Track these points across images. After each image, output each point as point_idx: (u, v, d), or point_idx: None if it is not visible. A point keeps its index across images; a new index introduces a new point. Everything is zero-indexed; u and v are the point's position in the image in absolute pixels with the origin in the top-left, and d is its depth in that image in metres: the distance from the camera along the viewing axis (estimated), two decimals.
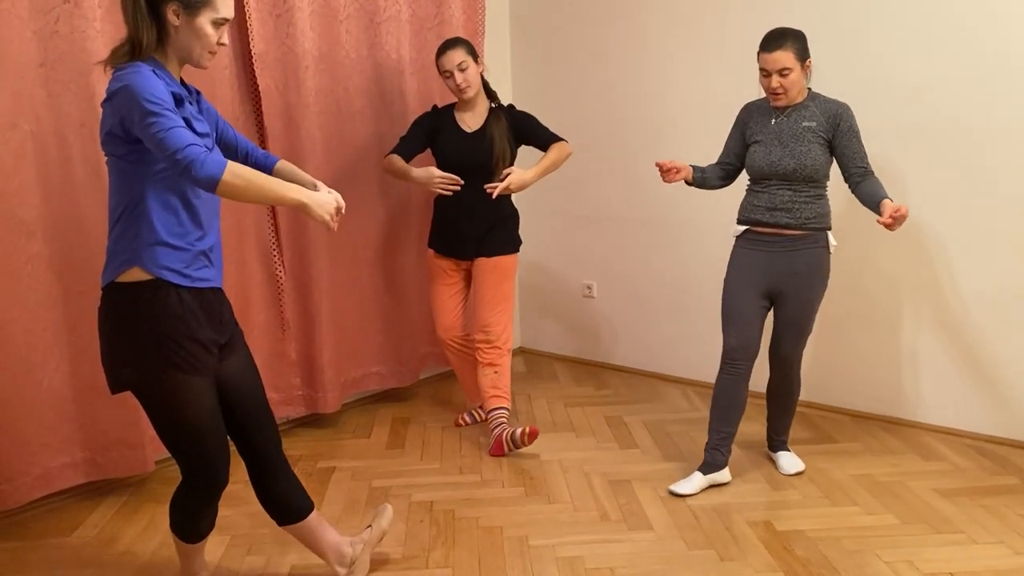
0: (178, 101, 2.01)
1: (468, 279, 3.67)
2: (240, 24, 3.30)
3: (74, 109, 2.82)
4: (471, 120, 3.50)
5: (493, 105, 3.53)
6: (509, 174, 3.32)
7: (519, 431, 3.32)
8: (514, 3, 4.58)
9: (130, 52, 2.00)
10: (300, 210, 2.03)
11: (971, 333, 3.44)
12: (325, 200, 2.06)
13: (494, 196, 3.32)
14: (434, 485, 3.14)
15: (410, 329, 4.08)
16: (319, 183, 2.27)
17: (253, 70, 3.32)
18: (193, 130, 2.03)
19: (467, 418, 3.79)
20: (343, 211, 2.12)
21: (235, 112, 3.29)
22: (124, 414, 3.02)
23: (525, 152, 3.62)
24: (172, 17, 2.00)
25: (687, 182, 3.16)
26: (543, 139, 3.51)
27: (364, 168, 3.78)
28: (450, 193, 3.40)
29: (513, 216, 3.62)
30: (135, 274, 2.00)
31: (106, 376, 2.09)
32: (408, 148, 3.50)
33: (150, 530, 2.85)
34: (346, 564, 2.42)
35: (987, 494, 2.97)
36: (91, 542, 2.79)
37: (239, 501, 3.04)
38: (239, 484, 3.16)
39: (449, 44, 3.40)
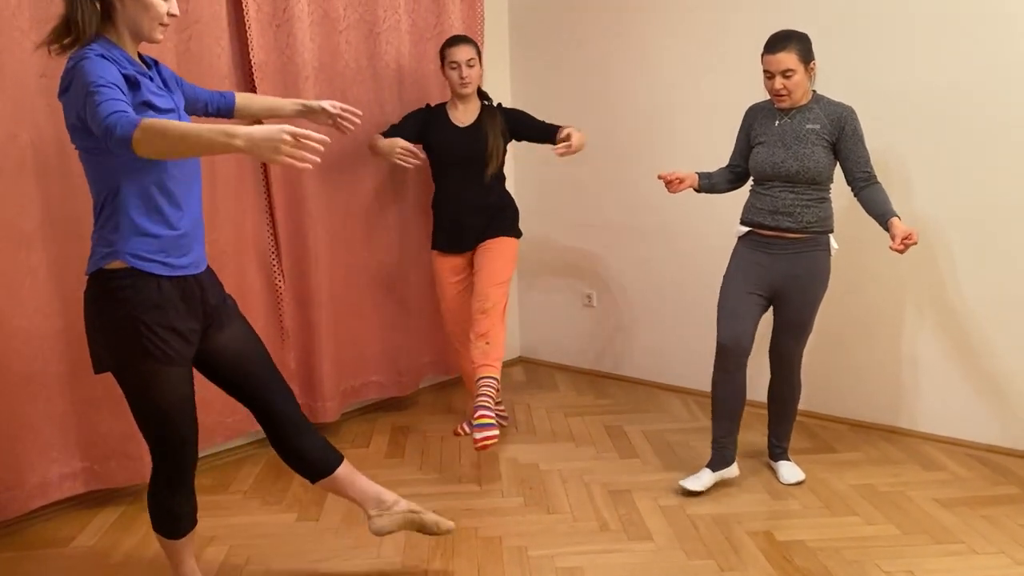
0: (132, 83, 1.97)
1: (471, 270, 3.68)
2: (240, 34, 3.31)
3: None
4: (463, 116, 3.56)
5: (485, 103, 3.60)
6: (570, 134, 3.38)
7: (473, 426, 3.16)
8: (513, 12, 4.59)
9: (69, 32, 1.96)
10: (255, 156, 1.79)
11: (973, 341, 3.43)
12: (267, 135, 1.76)
13: (561, 154, 3.34)
14: (433, 495, 3.14)
15: (410, 338, 4.08)
16: (307, 102, 2.34)
17: (253, 80, 3.33)
18: (155, 108, 2.01)
19: (467, 427, 3.78)
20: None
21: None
22: (123, 424, 3.01)
23: (520, 148, 3.63)
24: None
25: (695, 190, 3.18)
26: (542, 128, 3.60)
27: (363, 177, 3.79)
28: (410, 166, 3.43)
29: (512, 206, 3.67)
30: (117, 264, 2.01)
31: (90, 357, 2.11)
32: (395, 135, 3.53)
33: (148, 540, 2.83)
34: (382, 508, 2.41)
35: (987, 504, 2.97)
36: (89, 552, 2.78)
37: (238, 510, 3.04)
38: (236, 494, 3.17)
39: (462, 39, 3.51)
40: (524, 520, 2.92)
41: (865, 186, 2.91)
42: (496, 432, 3.17)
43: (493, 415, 3.20)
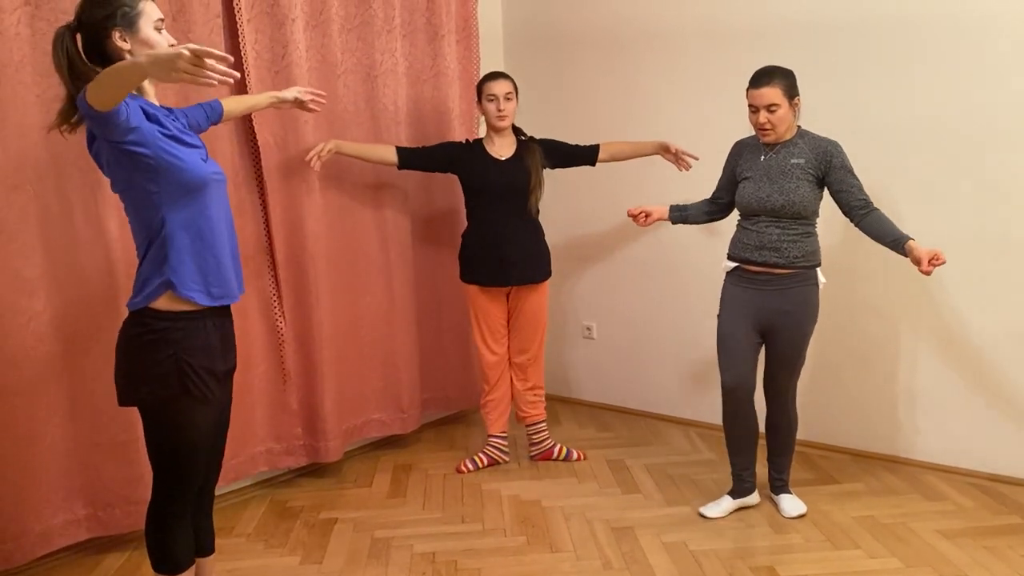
0: (153, 119, 2.08)
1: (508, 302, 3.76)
2: (239, 80, 3.34)
3: (76, 170, 2.86)
4: (500, 150, 3.62)
5: (522, 138, 3.67)
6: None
7: (573, 454, 3.81)
8: (508, 53, 4.66)
9: (76, 110, 2.05)
10: (154, 76, 1.84)
11: (970, 368, 3.45)
12: (167, 53, 1.78)
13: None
14: (436, 535, 3.14)
15: (411, 374, 4.09)
16: (279, 93, 2.81)
17: (252, 125, 3.37)
18: (181, 141, 2.12)
19: (469, 465, 3.79)
20: (215, 55, 1.77)
21: (235, 166, 3.33)
22: (126, 470, 3.02)
23: (560, 176, 3.69)
24: (120, 43, 2.06)
25: (672, 222, 3.26)
26: (578, 152, 3.73)
27: (363, 219, 3.82)
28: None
29: (546, 242, 3.74)
30: (166, 301, 2.10)
31: (117, 389, 2.17)
32: (418, 154, 3.62)
33: None
34: None
35: (989, 534, 2.97)
36: None
37: (242, 554, 3.04)
38: (240, 537, 3.18)
39: (501, 74, 3.62)
40: (527, 560, 2.92)
41: (866, 214, 2.93)
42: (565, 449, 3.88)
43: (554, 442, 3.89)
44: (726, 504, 3.19)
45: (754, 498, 3.23)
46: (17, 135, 2.74)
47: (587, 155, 3.71)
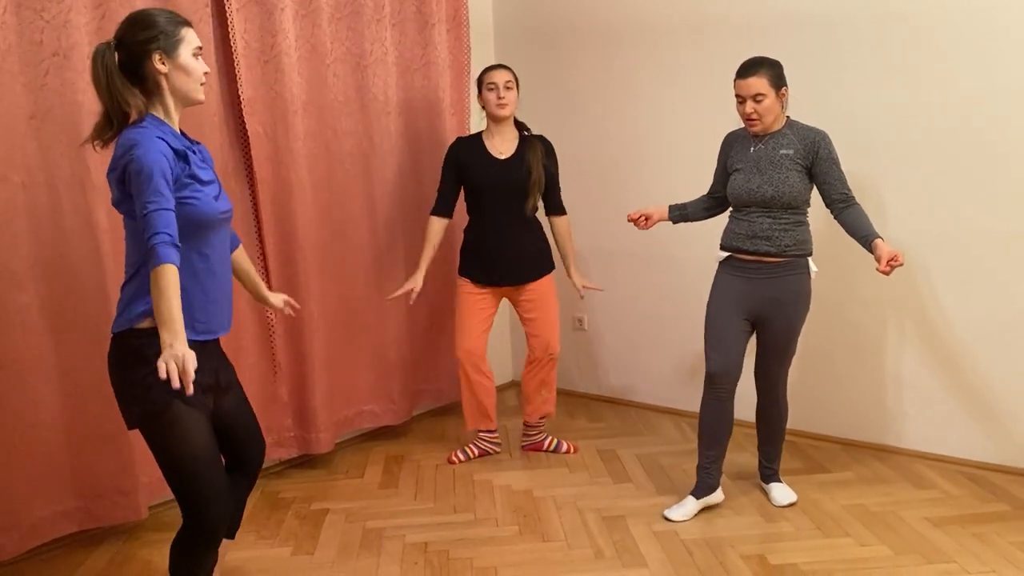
0: (182, 156, 2.09)
1: (498, 303, 3.75)
2: (228, 70, 3.34)
3: (64, 160, 2.85)
4: (501, 147, 3.59)
5: (525, 133, 3.65)
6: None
7: (563, 446, 3.81)
8: (499, 43, 4.64)
9: (111, 125, 2.09)
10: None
11: (958, 359, 3.47)
12: (173, 356, 1.89)
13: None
14: (428, 525, 3.14)
15: (403, 365, 4.09)
16: (269, 296, 2.62)
17: (242, 115, 3.36)
18: (199, 180, 2.13)
19: (460, 455, 3.79)
20: (191, 375, 1.89)
21: (224, 158, 3.32)
22: (117, 461, 3.02)
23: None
24: (159, 66, 2.08)
25: (673, 222, 3.25)
26: (554, 199, 3.71)
27: (353, 209, 3.81)
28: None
29: (547, 239, 3.74)
30: (147, 323, 2.09)
31: (123, 415, 2.18)
32: (447, 201, 3.64)
33: None
34: None
35: (978, 522, 2.99)
36: None
37: (232, 545, 3.02)
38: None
39: (501, 65, 3.60)
40: (519, 549, 2.93)
41: (844, 208, 2.95)
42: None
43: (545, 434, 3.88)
44: (690, 506, 3.12)
45: (717, 496, 3.16)
46: (4, 126, 2.72)
47: (549, 204, 3.71)
